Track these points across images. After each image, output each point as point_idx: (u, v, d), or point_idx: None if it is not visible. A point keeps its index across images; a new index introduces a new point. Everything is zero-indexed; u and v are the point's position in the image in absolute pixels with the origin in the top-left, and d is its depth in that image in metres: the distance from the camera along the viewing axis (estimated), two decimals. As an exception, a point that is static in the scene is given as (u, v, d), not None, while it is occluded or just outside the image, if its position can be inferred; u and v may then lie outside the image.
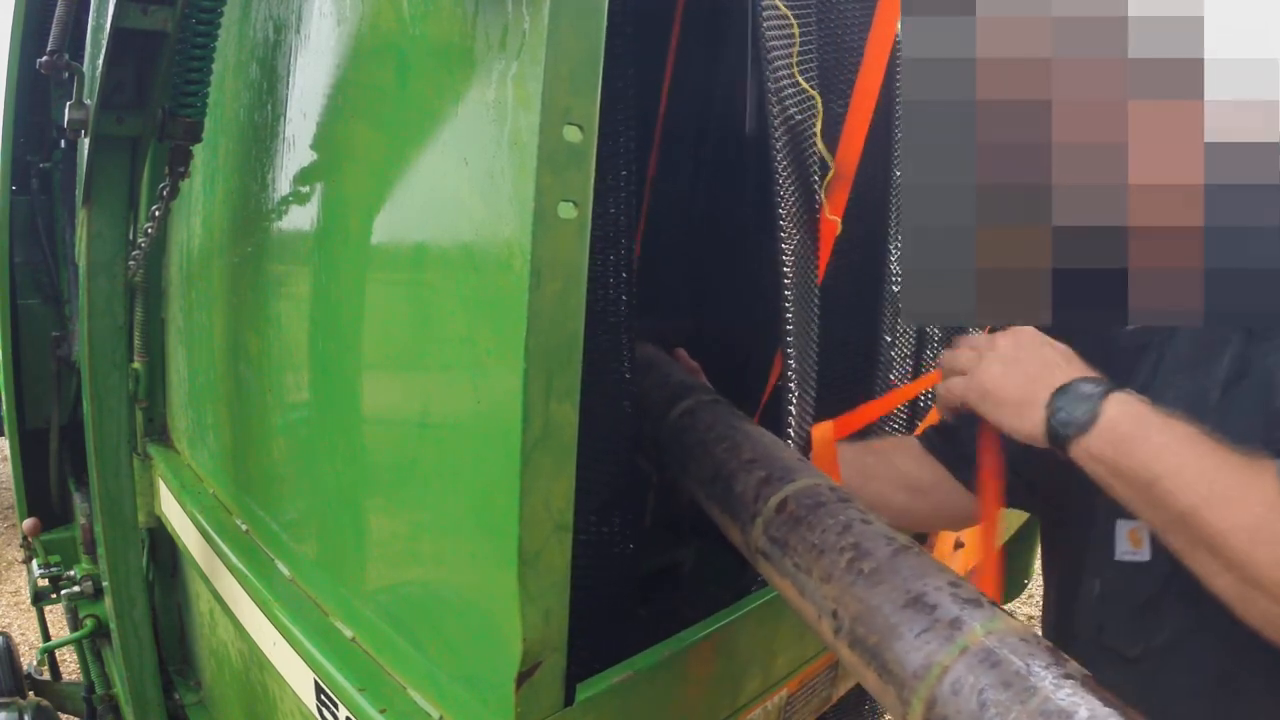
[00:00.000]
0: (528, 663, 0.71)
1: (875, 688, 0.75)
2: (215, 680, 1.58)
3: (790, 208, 1.08)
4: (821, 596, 0.80)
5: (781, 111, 1.06)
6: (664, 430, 1.10)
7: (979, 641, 0.68)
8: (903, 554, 0.78)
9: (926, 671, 0.68)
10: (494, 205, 0.68)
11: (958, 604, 0.72)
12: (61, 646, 2.14)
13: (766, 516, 0.89)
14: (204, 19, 1.03)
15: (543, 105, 0.63)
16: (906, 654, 0.70)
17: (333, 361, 1.00)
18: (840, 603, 0.78)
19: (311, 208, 1.04)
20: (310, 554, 1.11)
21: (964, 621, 0.70)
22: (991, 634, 0.68)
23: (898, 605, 0.73)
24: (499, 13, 0.66)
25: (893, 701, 0.72)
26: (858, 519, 0.83)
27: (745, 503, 0.93)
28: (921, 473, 1.13)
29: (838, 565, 0.79)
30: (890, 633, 0.72)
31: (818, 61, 1.14)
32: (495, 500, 0.70)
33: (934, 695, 0.67)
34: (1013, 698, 0.63)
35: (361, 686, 0.87)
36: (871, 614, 0.75)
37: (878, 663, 0.73)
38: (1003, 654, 0.66)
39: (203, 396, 1.45)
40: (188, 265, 1.50)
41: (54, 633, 2.59)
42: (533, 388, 0.66)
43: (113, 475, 1.24)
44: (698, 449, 1.04)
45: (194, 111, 1.11)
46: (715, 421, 1.05)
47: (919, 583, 0.74)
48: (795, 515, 0.86)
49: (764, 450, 0.98)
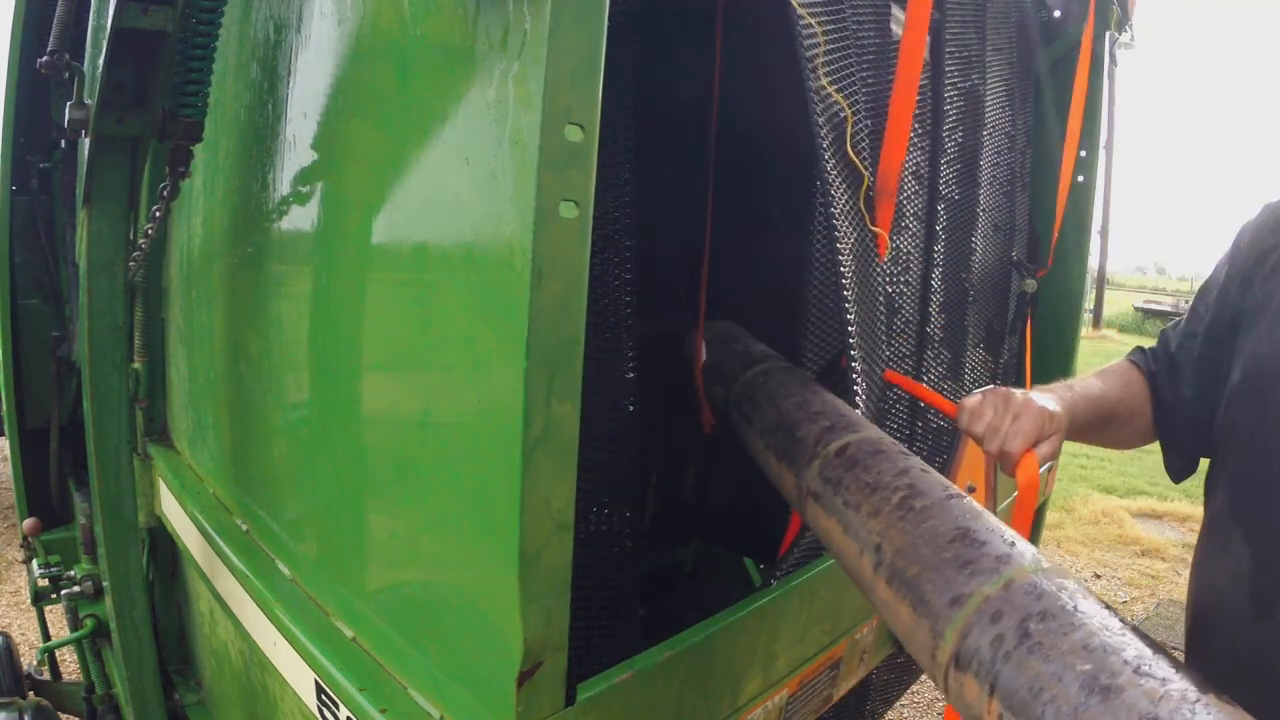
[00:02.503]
0: (528, 663, 0.71)
1: (907, 626, 0.73)
2: (215, 680, 1.57)
3: (842, 208, 1.10)
4: (866, 532, 0.79)
5: (828, 119, 1.07)
6: (736, 389, 1.17)
7: (1026, 576, 0.65)
8: (957, 499, 0.77)
9: (967, 600, 0.66)
10: (495, 205, 0.68)
11: (1005, 544, 0.69)
12: (61, 646, 2.13)
13: (825, 459, 0.90)
14: (204, 19, 1.03)
15: (544, 105, 0.63)
16: (948, 584, 0.68)
17: (333, 361, 1.00)
18: (885, 536, 0.76)
19: (312, 208, 1.04)
20: (311, 554, 1.10)
21: (1011, 558, 0.67)
22: (1040, 572, 0.66)
23: (945, 540, 0.71)
24: (500, 13, 0.66)
25: (924, 639, 0.70)
26: (916, 467, 0.83)
27: (806, 447, 0.94)
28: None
29: (889, 502, 0.79)
30: (932, 565, 0.70)
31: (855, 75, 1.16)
32: (496, 500, 0.70)
33: (970, 624, 0.64)
34: (1056, 629, 0.60)
35: (362, 686, 0.87)
36: (915, 547, 0.73)
37: (914, 595, 0.71)
38: (1049, 588, 0.63)
39: (203, 396, 1.45)
40: (188, 265, 1.50)
41: (54, 633, 2.58)
42: (534, 387, 0.66)
43: (113, 475, 1.24)
44: (766, 403, 1.09)
45: (194, 111, 1.10)
46: (787, 380, 1.11)
47: (970, 522, 0.72)
48: (853, 458, 0.87)
49: (831, 406, 1.01)
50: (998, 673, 0.61)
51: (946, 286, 1.73)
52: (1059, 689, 0.56)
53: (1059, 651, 0.58)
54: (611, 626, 0.98)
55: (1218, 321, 1.12)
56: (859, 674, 1.43)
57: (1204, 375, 1.13)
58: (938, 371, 1.73)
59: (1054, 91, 2.17)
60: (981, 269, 1.90)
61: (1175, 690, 0.53)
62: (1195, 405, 1.13)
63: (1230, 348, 1.08)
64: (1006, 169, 1.98)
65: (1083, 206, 2.26)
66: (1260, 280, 1.05)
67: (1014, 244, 2.09)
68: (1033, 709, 0.57)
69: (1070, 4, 2.11)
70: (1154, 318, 21.57)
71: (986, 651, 0.63)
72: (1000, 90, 1.89)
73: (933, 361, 1.69)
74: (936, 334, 1.70)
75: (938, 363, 1.72)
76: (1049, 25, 2.14)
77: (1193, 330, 1.16)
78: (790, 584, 1.15)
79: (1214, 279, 1.15)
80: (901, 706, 3.18)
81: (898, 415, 1.55)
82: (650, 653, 0.92)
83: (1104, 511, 5.70)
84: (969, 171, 1.78)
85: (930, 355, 1.68)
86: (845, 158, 1.10)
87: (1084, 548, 5.09)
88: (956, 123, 1.70)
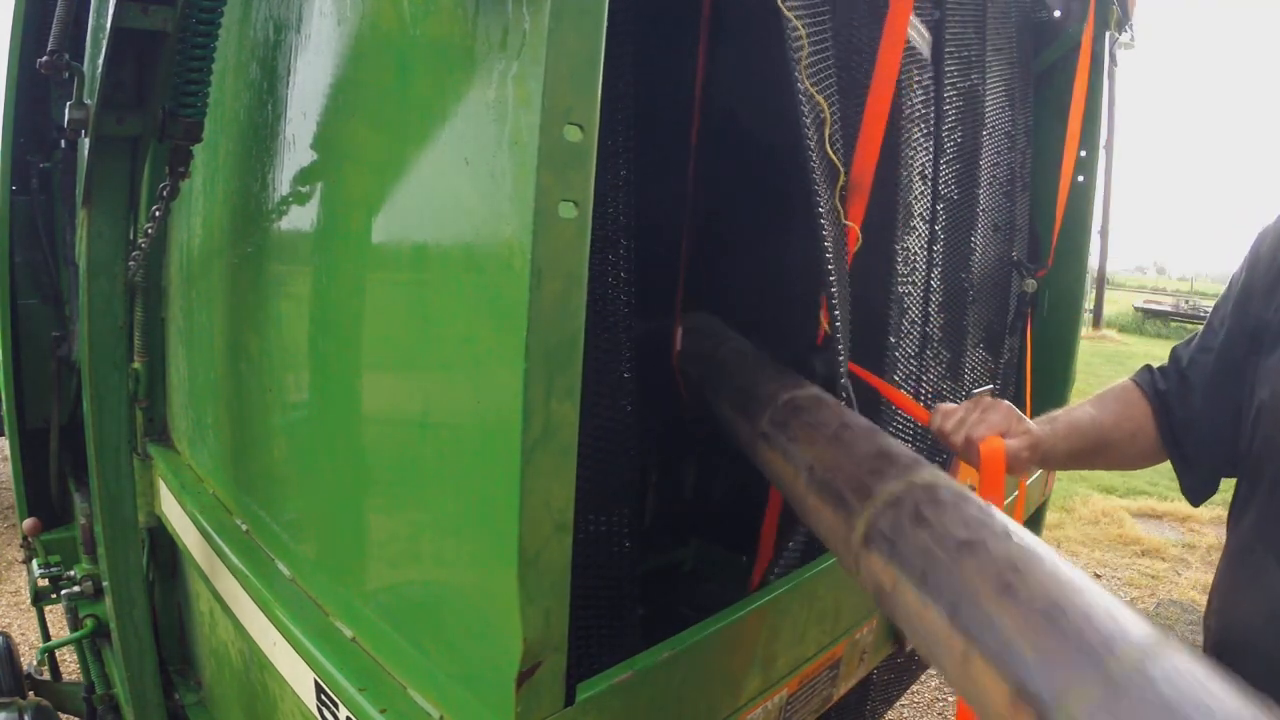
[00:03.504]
0: (528, 662, 0.71)
1: (830, 526, 0.88)
2: (215, 680, 1.58)
3: (827, 206, 1.14)
4: (802, 457, 0.96)
5: (813, 117, 1.08)
6: (706, 365, 1.40)
7: (927, 480, 0.81)
8: (884, 434, 0.93)
9: (876, 495, 0.82)
10: (494, 205, 0.68)
11: (913, 460, 0.86)
12: (61, 646, 2.13)
13: (774, 407, 1.08)
14: (204, 19, 1.03)
15: (543, 105, 0.63)
16: (861, 484, 0.85)
17: (333, 361, 1.00)
18: (817, 459, 0.93)
19: (312, 208, 1.04)
20: (310, 554, 1.10)
21: (913, 468, 0.84)
22: (939, 479, 0.82)
23: (866, 455, 0.89)
24: (499, 13, 0.66)
25: (842, 531, 0.85)
26: (854, 418, 0.99)
27: (760, 400, 1.13)
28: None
29: (823, 434, 0.96)
30: (852, 473, 0.87)
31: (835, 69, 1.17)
32: (495, 500, 0.70)
33: (877, 512, 0.80)
34: (942, 511, 0.76)
35: (362, 686, 0.87)
36: (840, 464, 0.90)
37: (835, 497, 0.87)
38: (942, 486, 0.80)
39: (203, 396, 1.45)
40: (188, 265, 1.50)
41: (54, 633, 2.58)
42: (533, 387, 0.66)
43: (113, 475, 1.24)
44: (726, 373, 1.31)
45: (194, 111, 1.10)
46: (748, 353, 1.33)
47: (887, 446, 0.89)
48: (798, 406, 1.05)
49: (785, 373, 1.19)
50: (894, 544, 0.77)
51: (946, 286, 1.73)
52: (940, 551, 0.72)
53: (943, 526, 0.74)
54: (611, 626, 0.98)
55: (1236, 336, 1.06)
56: (859, 674, 1.42)
57: (1220, 392, 1.07)
58: (938, 371, 1.73)
59: (1054, 91, 2.17)
60: (981, 269, 1.90)
61: (1028, 543, 0.70)
62: (1211, 423, 1.08)
63: (1251, 363, 1.02)
64: (1006, 169, 1.98)
65: (1083, 206, 2.26)
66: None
67: (1014, 244, 2.09)
68: (918, 567, 0.73)
69: (1070, 4, 2.11)
70: (1154, 318, 21.57)
71: (888, 530, 0.79)
72: (1000, 90, 1.89)
73: (933, 361, 1.69)
74: (936, 334, 1.70)
75: (938, 363, 1.72)
76: (1049, 25, 2.14)
77: (1207, 345, 1.11)
78: (790, 584, 1.15)
79: (1229, 291, 1.10)
80: (901, 706, 3.18)
81: (900, 414, 1.55)
82: (650, 652, 0.92)
83: (1104, 511, 5.70)
84: (969, 171, 1.78)
85: (930, 355, 1.68)
86: (825, 155, 1.12)
87: (1084, 548, 5.09)
88: (956, 123, 1.70)
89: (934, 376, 1.71)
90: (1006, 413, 1.09)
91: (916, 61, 1.52)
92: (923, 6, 1.57)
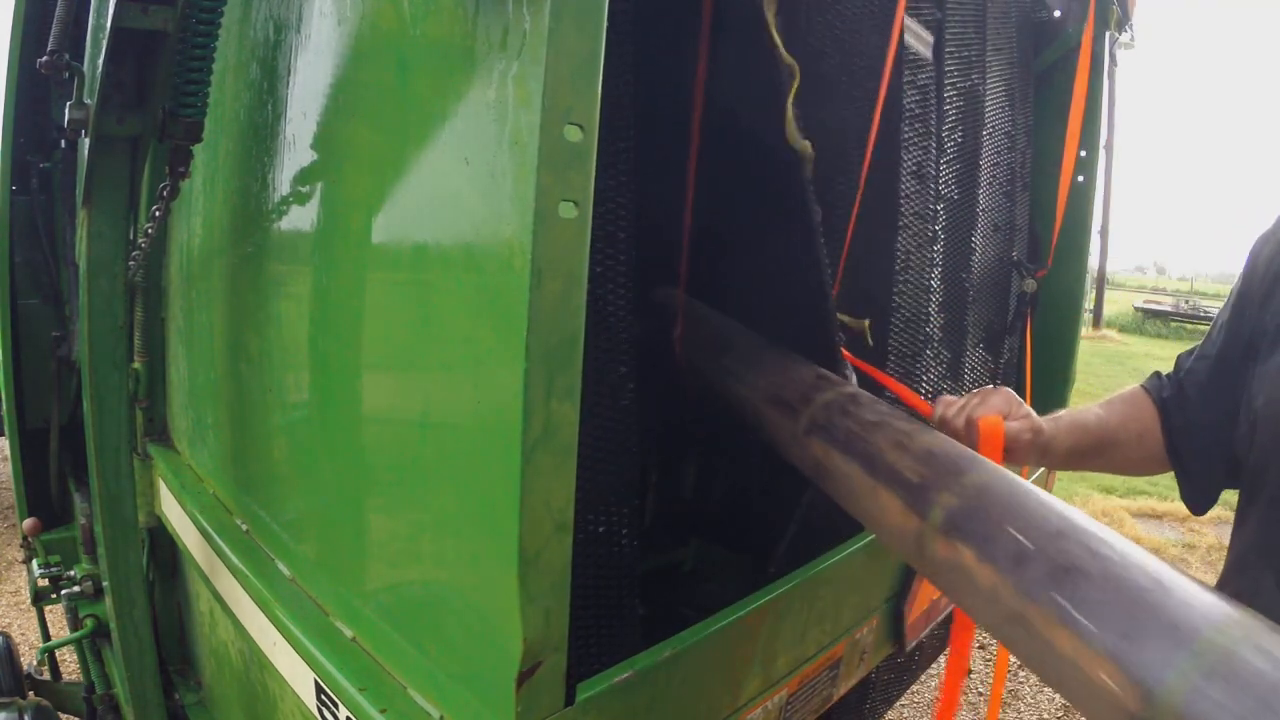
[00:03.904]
0: (528, 662, 0.71)
1: (775, 425, 1.20)
2: (215, 680, 1.58)
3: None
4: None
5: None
6: (715, 347, 1.50)
7: (855, 391, 1.17)
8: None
9: (813, 399, 1.16)
10: (495, 205, 0.68)
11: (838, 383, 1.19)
12: (61, 646, 2.13)
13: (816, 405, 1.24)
14: (204, 19, 1.03)
15: (543, 105, 0.63)
16: (803, 396, 1.17)
17: (333, 361, 1.00)
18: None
19: (312, 208, 1.04)
20: (310, 554, 1.10)
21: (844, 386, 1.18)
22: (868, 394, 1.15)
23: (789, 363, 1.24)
24: (499, 13, 0.66)
25: (789, 427, 1.16)
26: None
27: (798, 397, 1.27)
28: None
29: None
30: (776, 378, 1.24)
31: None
32: (495, 500, 0.70)
33: (815, 410, 1.14)
34: (861, 409, 1.08)
35: (362, 686, 0.87)
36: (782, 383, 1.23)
37: (781, 407, 1.19)
38: (864, 398, 1.13)
39: (203, 396, 1.45)
40: (188, 265, 1.50)
41: (54, 633, 2.58)
42: (533, 387, 0.66)
43: (113, 475, 1.24)
44: (752, 360, 1.42)
45: (194, 111, 1.10)
46: (764, 344, 1.44)
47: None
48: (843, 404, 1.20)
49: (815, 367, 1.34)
50: (825, 428, 1.10)
51: (946, 286, 1.73)
52: (857, 427, 1.06)
53: (862, 415, 1.08)
54: (611, 626, 0.98)
55: (1232, 344, 1.06)
56: (859, 674, 1.43)
57: (1216, 401, 1.06)
58: (938, 371, 1.73)
59: (1054, 91, 2.17)
60: (981, 269, 1.90)
61: (919, 429, 1.03)
62: (1206, 432, 1.07)
63: (1248, 371, 1.01)
64: (1006, 169, 1.98)
65: (1083, 206, 2.26)
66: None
67: (1014, 244, 2.09)
68: (841, 439, 1.07)
69: (1070, 4, 2.11)
70: (1154, 318, 21.56)
71: (821, 419, 1.12)
72: (1000, 90, 1.89)
73: (933, 361, 1.69)
74: (936, 334, 1.70)
75: (938, 362, 1.72)
76: (1049, 25, 2.14)
77: (1204, 353, 1.11)
78: (790, 584, 1.15)
79: (1228, 300, 1.10)
80: (901, 706, 3.18)
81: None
82: (650, 652, 0.92)
83: (1104, 511, 5.70)
84: (969, 171, 1.78)
85: (930, 355, 1.68)
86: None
87: (1084, 548, 5.08)
88: (957, 123, 1.70)
89: (934, 376, 1.71)
90: (1007, 396, 1.10)
91: (914, 62, 1.52)
92: (923, 6, 1.57)
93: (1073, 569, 0.73)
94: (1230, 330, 1.07)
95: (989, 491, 0.87)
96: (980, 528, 0.83)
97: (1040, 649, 0.73)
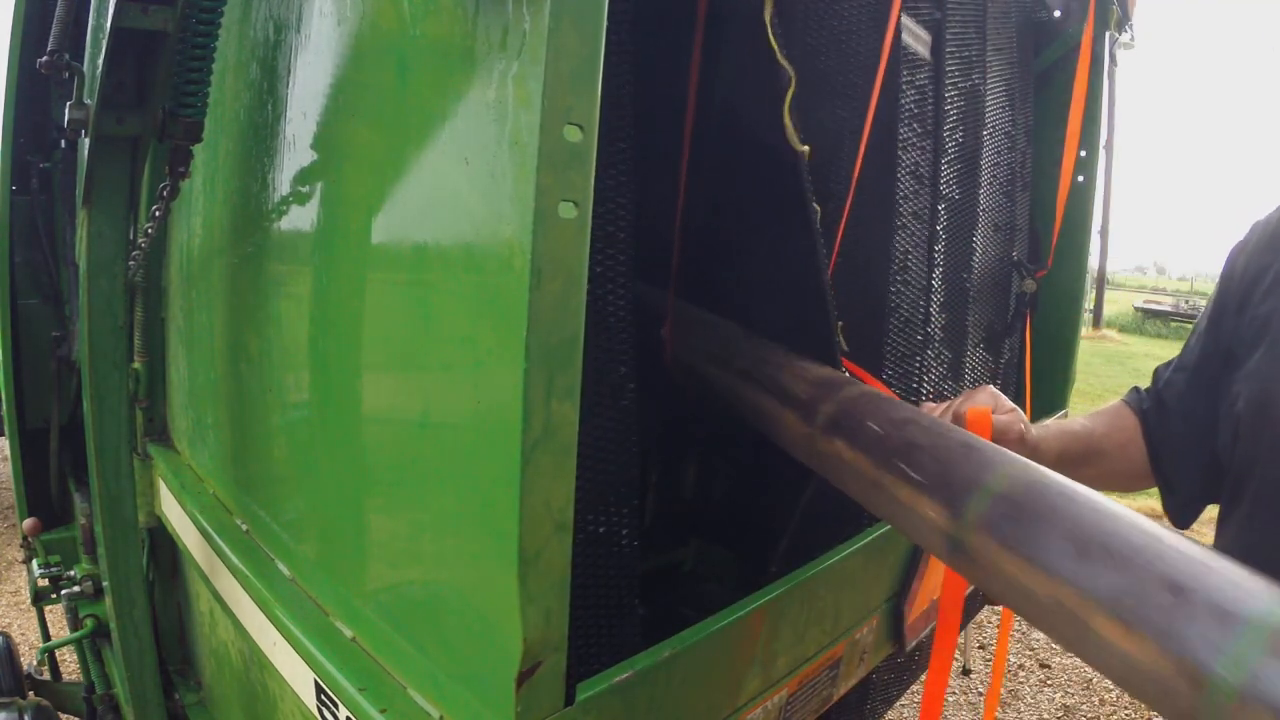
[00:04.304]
0: (528, 663, 0.71)
1: (771, 415, 1.22)
2: (215, 680, 1.58)
3: None
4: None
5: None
6: (712, 343, 1.52)
7: (864, 388, 1.15)
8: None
9: (829, 398, 1.14)
10: (494, 205, 0.68)
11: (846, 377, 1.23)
12: (61, 646, 2.14)
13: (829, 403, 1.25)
14: (204, 19, 1.03)
15: (543, 105, 0.63)
16: (813, 397, 1.16)
17: (333, 361, 1.00)
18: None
19: (312, 208, 1.04)
20: (310, 554, 1.10)
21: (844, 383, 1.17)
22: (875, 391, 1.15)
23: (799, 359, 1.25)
24: (499, 13, 0.66)
25: (801, 429, 1.15)
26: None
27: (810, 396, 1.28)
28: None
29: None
30: (781, 372, 1.24)
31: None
32: (495, 500, 0.70)
33: (828, 409, 1.12)
34: (879, 408, 1.06)
35: (361, 686, 0.87)
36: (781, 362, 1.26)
37: (782, 393, 1.22)
38: (875, 394, 1.12)
39: (203, 396, 1.45)
40: (188, 265, 1.50)
41: (54, 633, 2.59)
42: (533, 387, 0.66)
43: (113, 475, 1.24)
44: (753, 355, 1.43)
45: (194, 111, 1.10)
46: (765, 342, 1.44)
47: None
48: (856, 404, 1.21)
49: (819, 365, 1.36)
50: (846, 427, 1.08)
51: (947, 286, 1.74)
52: (876, 423, 1.04)
53: (877, 415, 1.05)
54: (611, 626, 0.98)
55: (1210, 353, 1.06)
56: (859, 674, 1.43)
57: (1194, 411, 1.06)
58: (938, 371, 1.73)
59: (1054, 91, 2.17)
60: (981, 269, 1.90)
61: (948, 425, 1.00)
62: (1184, 442, 1.08)
63: (1226, 381, 1.00)
64: (1006, 169, 1.98)
65: (1083, 206, 2.26)
66: (1260, 297, 0.97)
67: (1014, 244, 2.09)
68: (856, 435, 1.05)
69: (1070, 4, 2.11)
70: (1154, 318, 21.58)
71: (834, 415, 1.11)
72: (1000, 90, 1.89)
73: (933, 361, 1.69)
74: (936, 334, 1.70)
75: (938, 362, 1.72)
76: (1049, 25, 2.15)
77: (1183, 364, 1.11)
78: (790, 584, 1.15)
79: (1205, 311, 1.10)
80: (901, 706, 3.18)
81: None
82: (650, 652, 0.92)
83: (1104, 511, 5.69)
84: (969, 171, 1.78)
85: (930, 355, 1.68)
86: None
87: (1084, 548, 5.08)
88: (957, 123, 1.70)
89: (934, 377, 1.71)
90: (992, 393, 1.10)
91: (912, 61, 1.52)
92: (923, 7, 1.57)
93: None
94: (1208, 340, 1.07)
95: (1033, 488, 0.83)
96: (1019, 527, 0.79)
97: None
